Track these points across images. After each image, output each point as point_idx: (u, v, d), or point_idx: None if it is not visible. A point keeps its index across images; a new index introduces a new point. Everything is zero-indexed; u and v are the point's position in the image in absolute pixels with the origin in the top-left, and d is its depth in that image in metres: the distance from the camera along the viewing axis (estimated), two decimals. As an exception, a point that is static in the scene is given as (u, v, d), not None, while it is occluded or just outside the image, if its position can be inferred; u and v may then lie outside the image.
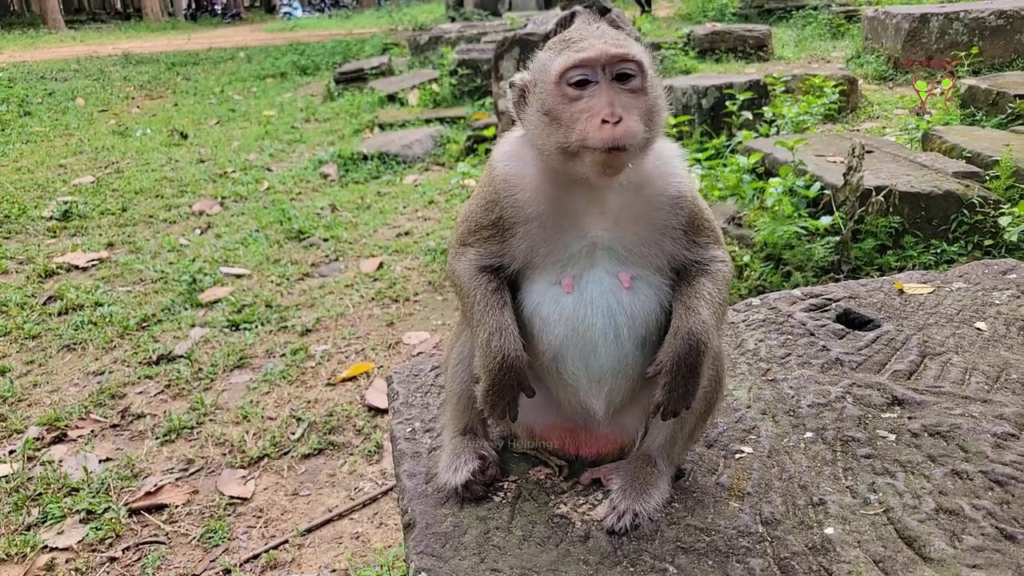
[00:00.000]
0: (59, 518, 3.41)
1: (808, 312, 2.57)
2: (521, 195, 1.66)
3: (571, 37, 1.59)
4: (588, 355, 1.66)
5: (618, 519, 1.65)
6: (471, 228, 1.74)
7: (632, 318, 1.64)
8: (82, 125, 12.02)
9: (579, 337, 1.65)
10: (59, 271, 6.28)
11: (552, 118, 1.54)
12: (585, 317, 1.64)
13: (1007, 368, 2.15)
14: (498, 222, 1.68)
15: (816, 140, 6.55)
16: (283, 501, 3.52)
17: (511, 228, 1.67)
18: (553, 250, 1.65)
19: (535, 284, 1.70)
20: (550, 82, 1.55)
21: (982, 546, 1.57)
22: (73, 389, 4.53)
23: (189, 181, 8.68)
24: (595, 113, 1.48)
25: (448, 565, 1.62)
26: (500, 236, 1.68)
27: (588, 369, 1.68)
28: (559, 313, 1.65)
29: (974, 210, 4.88)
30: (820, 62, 12.11)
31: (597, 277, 1.65)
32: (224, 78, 15.51)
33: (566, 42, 1.58)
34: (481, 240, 1.72)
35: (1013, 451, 1.82)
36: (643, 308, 1.66)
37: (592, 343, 1.65)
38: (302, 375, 4.55)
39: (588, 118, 1.49)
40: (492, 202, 1.69)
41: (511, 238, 1.67)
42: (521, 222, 1.66)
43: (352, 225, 7.06)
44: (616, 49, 1.51)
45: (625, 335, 1.65)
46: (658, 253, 1.67)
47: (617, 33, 1.60)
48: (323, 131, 10.88)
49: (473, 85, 11.38)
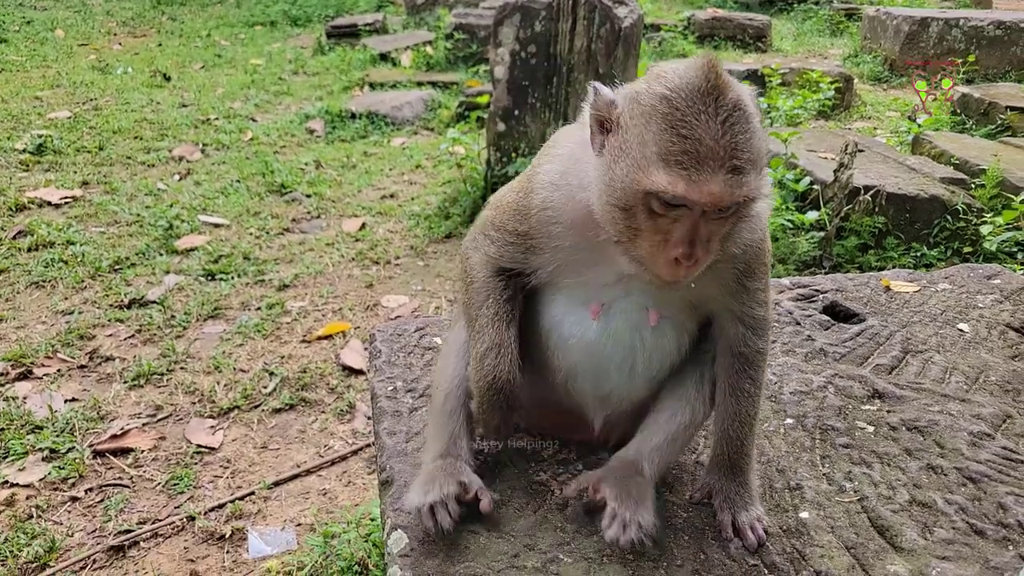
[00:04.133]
0: (21, 454, 3.34)
1: (795, 302, 2.58)
2: (556, 227, 1.48)
3: (689, 134, 1.22)
4: (599, 380, 1.60)
5: (622, 528, 1.51)
6: (497, 223, 1.59)
7: (650, 356, 1.58)
8: (60, 58, 11.59)
9: (595, 364, 1.58)
10: (30, 206, 6.08)
11: (622, 210, 1.30)
12: (606, 347, 1.55)
13: (986, 370, 2.18)
14: (526, 236, 1.52)
15: (809, 135, 6.56)
16: (251, 453, 3.48)
17: (539, 248, 1.52)
18: (583, 279, 1.52)
19: (559, 298, 1.58)
20: (638, 185, 1.26)
21: (952, 539, 1.60)
22: (40, 327, 4.41)
23: (170, 125, 8.43)
24: (672, 245, 1.27)
25: (425, 523, 1.61)
26: (525, 248, 1.53)
27: (595, 391, 1.63)
28: (580, 337, 1.56)
29: (957, 216, 4.94)
30: (818, 57, 12.11)
31: (626, 309, 1.54)
32: (212, 22, 15.03)
33: (680, 139, 1.21)
34: (505, 240, 1.56)
35: (988, 450, 1.85)
36: (663, 348, 1.58)
37: (606, 372, 1.59)
38: (277, 330, 4.49)
39: (660, 244, 1.28)
40: (523, 216, 1.52)
41: (538, 254, 1.52)
42: (551, 249, 1.50)
43: (336, 183, 6.94)
44: (731, 195, 1.22)
45: (640, 371, 1.59)
46: (698, 296, 1.55)
47: (740, 147, 1.23)
48: (311, 85, 10.63)
49: (468, 51, 11.18)
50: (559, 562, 1.54)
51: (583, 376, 1.60)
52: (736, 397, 1.61)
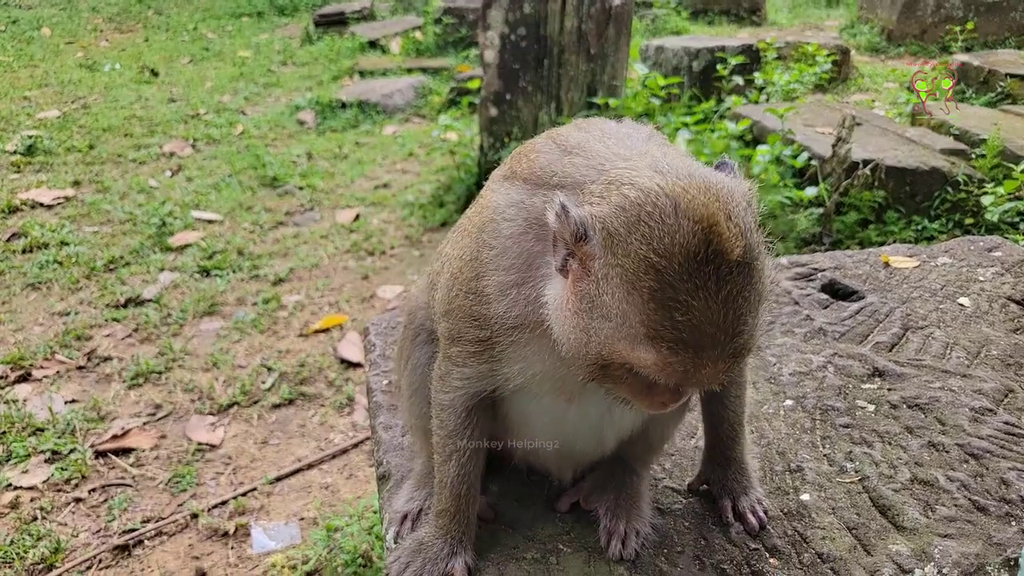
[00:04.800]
0: (23, 457, 3.33)
1: (793, 281, 2.55)
2: (521, 337, 1.27)
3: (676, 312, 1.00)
4: (566, 447, 1.54)
5: (621, 543, 1.48)
6: (454, 333, 1.36)
7: (619, 426, 1.52)
8: (48, 57, 11.49)
9: (561, 435, 1.50)
10: (23, 207, 6.04)
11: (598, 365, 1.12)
12: (574, 424, 1.46)
13: (987, 344, 2.16)
14: (488, 343, 1.31)
15: (806, 109, 6.50)
16: (252, 449, 3.48)
17: (506, 357, 1.31)
18: (554, 378, 1.33)
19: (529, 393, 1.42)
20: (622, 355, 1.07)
21: (954, 516, 1.58)
22: (38, 329, 4.40)
23: (160, 121, 8.37)
24: (656, 397, 1.14)
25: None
26: (491, 355, 1.32)
27: (561, 456, 1.58)
28: (548, 417, 1.46)
29: (958, 188, 4.89)
30: (813, 30, 11.99)
31: (595, 392, 1.31)
32: (197, 15, 14.89)
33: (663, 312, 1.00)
34: (467, 352, 1.35)
35: (989, 425, 1.83)
36: (632, 417, 1.51)
37: (572, 441, 1.52)
38: (274, 324, 4.47)
39: (646, 392, 1.14)
40: (482, 323, 1.29)
41: (505, 363, 1.32)
42: (520, 359, 1.30)
43: (328, 174, 6.89)
44: (730, 373, 1.09)
45: (609, 436, 1.54)
46: None
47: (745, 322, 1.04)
48: (300, 76, 10.54)
49: (458, 35, 11.07)
50: (558, 552, 1.52)
51: (548, 444, 1.53)
52: (722, 403, 1.58)
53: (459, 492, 1.46)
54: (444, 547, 1.47)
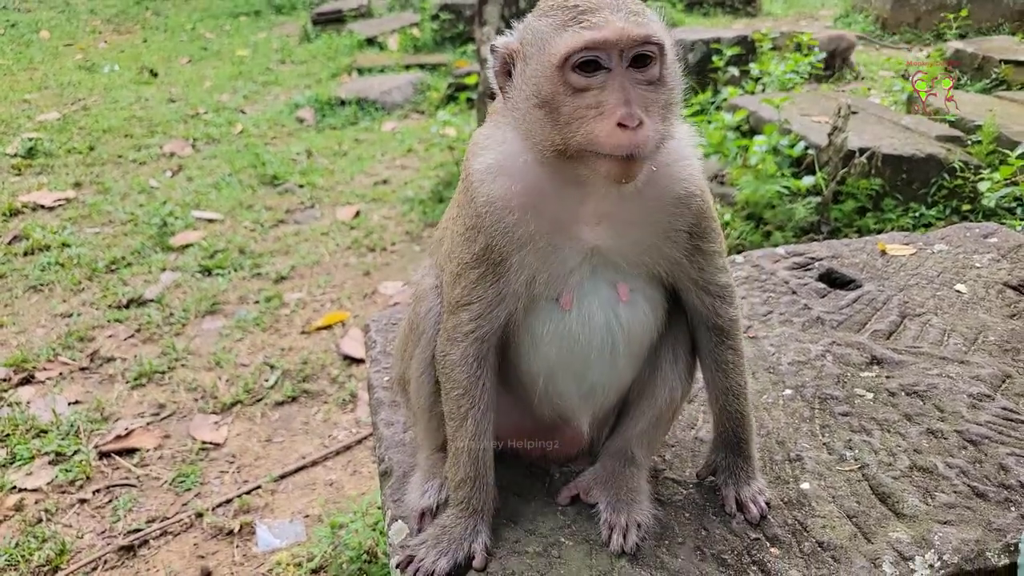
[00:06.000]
0: (27, 459, 3.35)
1: (791, 270, 2.56)
2: (509, 217, 1.42)
3: (577, 3, 1.29)
4: (581, 373, 1.54)
5: (622, 536, 1.51)
6: (459, 271, 1.49)
7: (629, 334, 1.52)
8: (47, 59, 11.48)
9: (575, 356, 1.51)
10: (24, 210, 6.05)
11: (550, 109, 1.28)
12: (582, 335, 1.49)
13: (985, 330, 2.16)
14: (486, 253, 1.45)
15: (802, 99, 6.48)
16: (256, 447, 3.49)
17: (503, 260, 1.44)
18: (552, 272, 1.46)
19: (532, 306, 1.51)
20: (550, 65, 1.27)
21: (954, 503, 1.59)
22: (40, 331, 4.41)
23: (159, 121, 8.36)
24: (609, 112, 1.23)
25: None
26: (493, 272, 1.45)
27: (579, 386, 1.57)
28: (555, 332, 1.49)
29: (954, 174, 4.89)
30: (808, 19, 11.95)
31: (595, 288, 1.48)
32: (195, 14, 14.86)
33: (571, 10, 1.28)
34: (471, 284, 1.46)
35: (988, 411, 1.84)
36: (639, 323, 1.53)
37: (587, 361, 1.52)
38: (276, 323, 4.48)
39: (598, 117, 1.24)
40: (474, 229, 1.45)
41: (506, 272, 1.45)
42: (514, 250, 1.43)
43: (328, 172, 6.89)
44: (637, 30, 1.24)
45: (621, 352, 1.53)
46: (658, 260, 1.50)
47: (635, 3, 1.31)
48: (299, 74, 10.52)
49: (455, 31, 11.04)
50: (560, 545, 1.54)
51: (564, 374, 1.54)
52: (723, 371, 1.61)
53: (477, 454, 1.52)
54: (467, 527, 1.53)
